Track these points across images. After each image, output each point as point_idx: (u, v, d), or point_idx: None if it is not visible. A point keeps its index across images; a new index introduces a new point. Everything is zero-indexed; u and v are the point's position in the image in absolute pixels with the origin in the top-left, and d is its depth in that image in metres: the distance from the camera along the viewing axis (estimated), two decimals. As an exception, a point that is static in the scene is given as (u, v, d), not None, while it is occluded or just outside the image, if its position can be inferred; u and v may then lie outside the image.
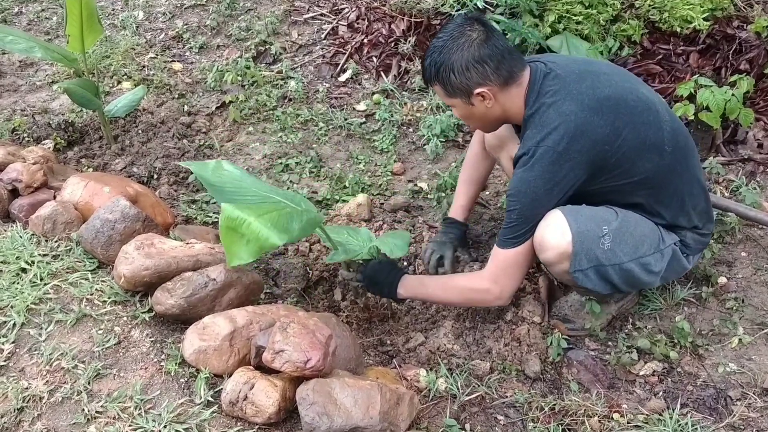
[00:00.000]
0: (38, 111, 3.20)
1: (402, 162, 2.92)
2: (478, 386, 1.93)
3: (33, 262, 2.00)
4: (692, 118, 2.66)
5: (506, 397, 1.92)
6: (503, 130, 2.13)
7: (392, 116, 3.07)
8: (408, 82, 3.25)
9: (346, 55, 3.40)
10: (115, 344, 1.78)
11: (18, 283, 1.92)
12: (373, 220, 2.60)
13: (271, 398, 1.58)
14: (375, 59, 3.36)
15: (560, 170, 1.77)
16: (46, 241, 2.10)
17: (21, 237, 2.10)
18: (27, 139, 2.94)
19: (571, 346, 2.08)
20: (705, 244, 2.06)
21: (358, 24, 3.52)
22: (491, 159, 2.38)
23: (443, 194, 2.68)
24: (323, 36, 3.53)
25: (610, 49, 3.03)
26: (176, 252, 1.97)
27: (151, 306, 1.89)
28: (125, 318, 1.87)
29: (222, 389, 1.65)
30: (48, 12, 3.94)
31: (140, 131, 3.04)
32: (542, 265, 2.07)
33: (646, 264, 1.88)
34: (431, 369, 1.98)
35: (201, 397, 1.65)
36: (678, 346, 2.04)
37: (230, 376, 1.66)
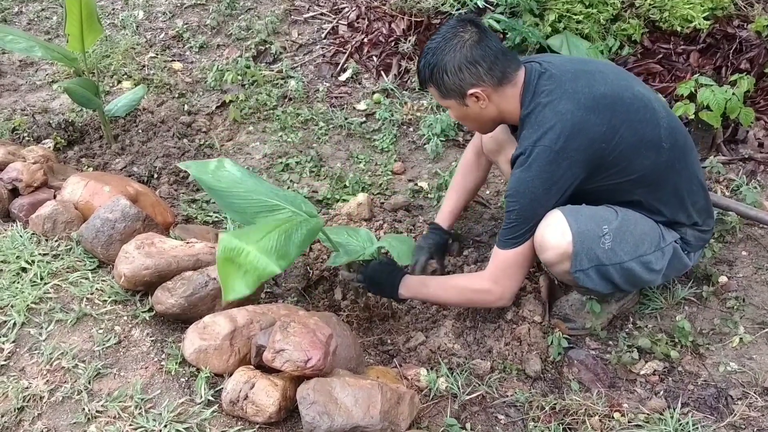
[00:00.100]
0: (38, 110, 3.20)
1: (402, 161, 2.92)
2: (479, 385, 1.93)
3: (33, 262, 2.00)
4: (693, 118, 2.66)
5: (507, 397, 1.91)
6: (501, 134, 2.13)
7: (392, 115, 3.06)
8: (408, 82, 3.24)
9: (347, 55, 3.40)
10: (116, 344, 1.78)
11: (18, 283, 1.92)
12: (374, 220, 2.59)
13: (272, 397, 1.58)
14: (375, 58, 3.36)
15: (558, 169, 1.77)
16: (47, 241, 2.10)
17: (21, 236, 2.10)
18: (27, 139, 2.94)
19: (572, 346, 2.07)
20: (706, 241, 2.06)
21: (359, 23, 3.52)
22: (484, 169, 2.37)
23: (443, 194, 2.67)
24: (323, 35, 3.53)
25: (611, 49, 3.03)
26: (176, 251, 1.97)
27: (152, 305, 1.89)
28: (125, 317, 1.87)
29: (222, 388, 1.65)
30: (48, 11, 3.94)
31: (140, 131, 3.03)
32: (542, 265, 2.07)
33: (647, 262, 1.88)
34: (432, 368, 1.98)
35: (201, 397, 1.65)
36: (679, 346, 2.04)
37: (231, 376, 1.66)
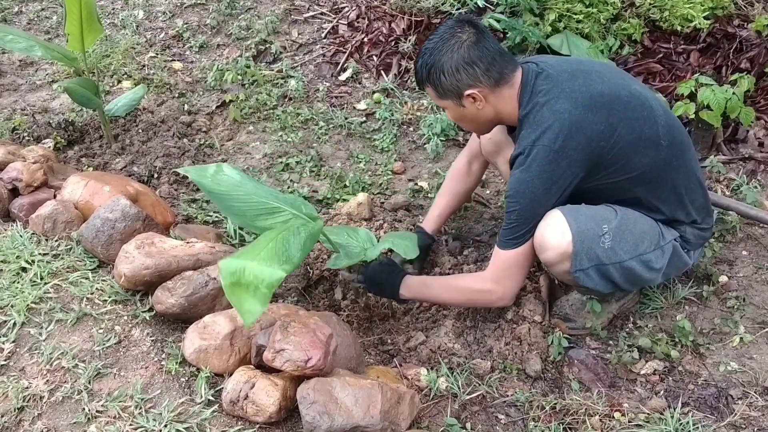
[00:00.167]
0: (38, 110, 3.19)
1: (402, 161, 2.92)
2: (479, 385, 1.93)
3: (33, 262, 2.00)
4: (693, 117, 2.66)
5: (507, 396, 1.91)
6: (499, 135, 2.13)
7: (392, 115, 3.06)
8: (408, 81, 3.24)
9: (347, 54, 3.40)
10: (116, 343, 1.78)
11: (18, 283, 1.92)
12: (374, 219, 2.59)
13: (272, 397, 1.58)
14: (375, 58, 3.35)
15: (557, 168, 1.77)
16: (47, 241, 2.10)
17: (21, 236, 2.10)
18: (27, 139, 2.93)
19: (572, 345, 2.07)
20: (705, 239, 2.06)
21: (359, 23, 3.52)
22: (475, 176, 2.37)
23: (441, 194, 2.68)
24: (323, 35, 3.52)
25: (611, 48, 3.03)
26: (177, 251, 1.96)
27: (152, 305, 1.89)
28: (126, 317, 1.87)
29: (222, 388, 1.65)
30: (48, 11, 3.93)
31: (140, 130, 3.03)
32: (543, 265, 2.07)
33: (647, 261, 1.88)
34: (432, 368, 1.98)
35: (201, 397, 1.65)
36: (679, 345, 2.04)
37: (231, 375, 1.65)
